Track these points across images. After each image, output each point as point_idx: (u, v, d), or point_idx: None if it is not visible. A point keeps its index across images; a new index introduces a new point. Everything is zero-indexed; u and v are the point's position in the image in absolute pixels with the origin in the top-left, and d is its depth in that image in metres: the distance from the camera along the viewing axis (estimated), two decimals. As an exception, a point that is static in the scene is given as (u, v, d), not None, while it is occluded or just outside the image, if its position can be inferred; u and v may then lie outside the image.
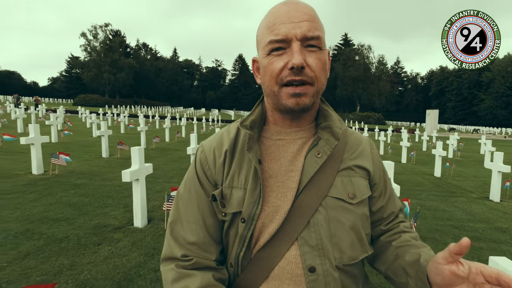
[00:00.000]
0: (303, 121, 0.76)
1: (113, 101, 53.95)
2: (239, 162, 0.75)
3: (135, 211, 3.62)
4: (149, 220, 3.77)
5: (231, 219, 0.73)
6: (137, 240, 3.22)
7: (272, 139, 0.76)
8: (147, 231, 3.47)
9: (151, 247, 3.06)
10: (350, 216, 0.72)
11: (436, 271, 0.60)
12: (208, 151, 0.79)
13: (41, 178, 5.47)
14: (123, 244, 3.09)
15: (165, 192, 4.82)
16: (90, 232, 3.33)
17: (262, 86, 0.74)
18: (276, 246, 0.70)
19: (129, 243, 3.14)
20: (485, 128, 45.75)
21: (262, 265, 0.71)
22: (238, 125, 0.77)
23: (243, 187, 0.72)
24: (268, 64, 0.68)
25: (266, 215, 0.71)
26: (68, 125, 15.42)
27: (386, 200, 0.82)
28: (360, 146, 0.80)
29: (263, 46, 0.70)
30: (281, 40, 0.66)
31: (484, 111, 61.98)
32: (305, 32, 0.65)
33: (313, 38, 0.66)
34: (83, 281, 2.40)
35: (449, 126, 48.08)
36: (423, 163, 10.37)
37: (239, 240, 0.72)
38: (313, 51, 0.67)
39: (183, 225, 0.75)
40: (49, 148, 8.16)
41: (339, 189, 0.72)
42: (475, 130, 40.40)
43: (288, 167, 0.73)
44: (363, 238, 0.74)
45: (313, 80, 0.67)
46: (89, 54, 62.66)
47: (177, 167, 7.32)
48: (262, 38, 0.70)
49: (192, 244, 0.73)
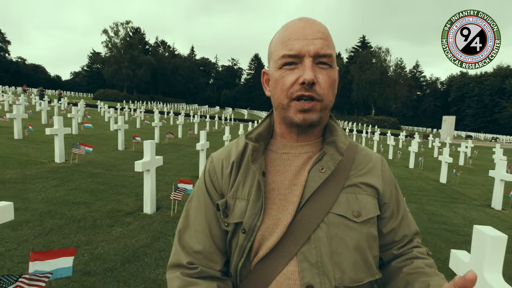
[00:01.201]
0: (309, 135, 0.75)
1: (130, 97, 55.36)
2: (244, 174, 0.75)
3: (145, 199, 3.97)
4: (157, 208, 4.12)
5: (233, 229, 0.73)
6: (145, 224, 3.57)
7: (278, 152, 0.76)
8: (155, 217, 3.81)
9: (158, 231, 3.40)
10: (354, 234, 0.69)
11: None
12: (217, 162, 0.80)
13: (63, 166, 5.95)
14: (133, 227, 3.44)
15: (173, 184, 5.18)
16: (104, 215, 3.71)
17: (272, 99, 0.74)
18: (274, 260, 0.69)
19: (138, 226, 3.49)
20: (505, 137, 44.16)
21: (260, 278, 0.70)
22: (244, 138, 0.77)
23: (246, 198, 0.73)
24: (279, 78, 0.69)
25: (267, 228, 0.70)
26: (88, 118, 16.16)
27: (398, 221, 0.78)
28: (370, 164, 0.77)
29: (275, 59, 0.70)
30: (294, 55, 0.67)
31: (505, 119, 59.72)
32: (318, 49, 0.66)
33: (325, 56, 0.68)
34: (97, 255, 2.75)
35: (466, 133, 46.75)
36: (431, 169, 10.35)
37: (238, 251, 0.72)
38: (324, 69, 0.68)
39: (190, 234, 0.76)
40: (70, 139, 8.70)
41: (343, 206, 0.70)
42: (493, 139, 39.14)
43: (292, 180, 0.73)
44: (370, 261, 0.70)
45: (322, 97, 0.68)
46: (110, 50, 64.72)
47: (187, 162, 7.69)
48: (276, 51, 0.71)
49: (198, 253, 0.74)
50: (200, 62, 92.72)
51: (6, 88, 43.77)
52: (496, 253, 1.37)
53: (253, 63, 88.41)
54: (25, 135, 8.90)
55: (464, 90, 68.70)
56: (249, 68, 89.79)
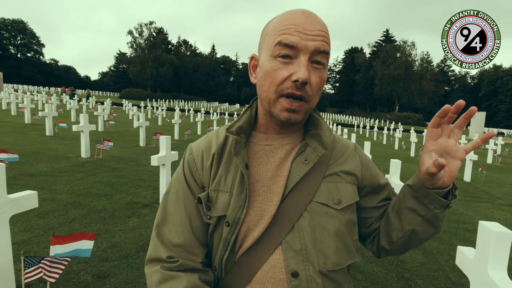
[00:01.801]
0: (292, 128, 0.76)
1: (154, 95, 56.98)
2: (226, 166, 0.74)
3: (161, 192, 4.15)
4: (173, 201, 4.29)
5: (215, 222, 0.72)
6: (160, 216, 3.74)
7: (260, 144, 0.76)
8: (170, 210, 3.98)
9: (172, 223, 3.56)
10: (335, 222, 0.71)
11: (424, 161, 0.66)
12: (196, 153, 0.78)
13: (88, 161, 6.31)
14: (149, 218, 3.63)
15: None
16: (123, 207, 3.92)
17: (259, 89, 0.72)
18: (260, 250, 0.70)
19: (153, 217, 3.66)
20: (544, 134, 41.15)
21: (246, 269, 0.70)
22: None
23: (229, 191, 0.72)
24: (271, 70, 0.67)
25: (251, 219, 0.71)
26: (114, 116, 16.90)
27: (382, 197, 0.83)
28: (347, 152, 0.80)
29: (269, 46, 0.67)
30: (290, 46, 0.64)
31: (544, 116, 55.66)
32: (318, 46, 0.65)
33: (323, 52, 0.66)
34: (115, 243, 2.94)
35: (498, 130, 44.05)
36: (455, 167, 9.91)
37: (223, 244, 0.72)
38: (317, 68, 0.67)
39: (169, 228, 0.74)
40: (95, 135, 9.17)
41: (324, 194, 0.72)
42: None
43: (275, 172, 0.73)
44: (349, 245, 0.74)
45: (310, 99, 0.68)
46: (134, 51, 66.94)
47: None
48: (270, 37, 0.68)
49: (178, 247, 0.73)
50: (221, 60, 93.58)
51: (41, 88, 46.52)
52: (500, 250, 1.35)
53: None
54: (56, 132, 9.49)
55: (497, 84, 64.65)
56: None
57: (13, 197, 1.97)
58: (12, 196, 1.97)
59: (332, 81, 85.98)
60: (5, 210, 1.93)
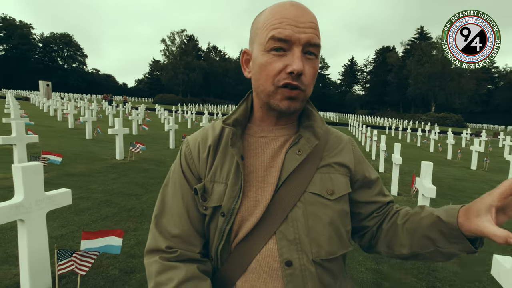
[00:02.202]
0: (287, 119, 0.78)
1: (185, 100, 58.88)
2: (222, 157, 0.76)
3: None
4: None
5: (211, 213, 0.74)
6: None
7: (255, 136, 0.78)
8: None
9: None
10: (328, 211, 0.72)
11: (481, 214, 0.60)
12: (192, 145, 0.80)
13: (121, 163, 6.67)
14: (174, 218, 3.75)
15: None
16: (151, 206, 4.09)
17: (254, 83, 0.73)
18: (254, 240, 0.71)
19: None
20: None
21: (240, 259, 0.72)
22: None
23: (224, 182, 0.73)
24: (266, 63, 0.68)
25: (246, 209, 0.72)
26: (147, 120, 17.75)
27: (375, 193, 0.83)
28: (341, 145, 0.81)
29: (262, 42, 0.68)
30: (284, 40, 0.66)
31: None
32: (309, 38, 0.66)
33: (314, 45, 0.68)
34: (142, 241, 3.08)
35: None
36: (498, 170, 9.16)
37: (218, 234, 0.73)
38: (310, 59, 0.69)
39: (168, 218, 0.76)
40: (129, 139, 9.67)
41: (318, 185, 0.73)
42: None
43: (269, 162, 0.75)
44: (342, 234, 0.75)
45: (306, 88, 0.69)
46: (167, 58, 69.77)
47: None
48: (263, 32, 0.69)
49: (176, 237, 0.74)
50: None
51: (83, 95, 50.11)
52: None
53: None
54: (94, 136, 10.15)
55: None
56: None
57: (50, 194, 2.15)
58: (48, 193, 2.14)
59: (362, 82, 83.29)
60: (43, 206, 2.10)
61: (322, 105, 76.44)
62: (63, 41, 75.51)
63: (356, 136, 18.24)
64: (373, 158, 9.82)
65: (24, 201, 1.98)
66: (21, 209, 1.97)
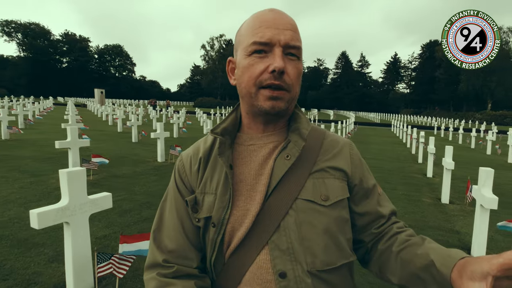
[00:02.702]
0: (275, 125, 0.77)
1: (223, 102, 60.45)
2: (212, 169, 0.76)
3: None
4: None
5: (204, 224, 0.73)
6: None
7: (244, 145, 0.77)
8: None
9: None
10: (322, 218, 0.69)
11: (475, 278, 0.51)
12: (185, 159, 0.81)
13: (162, 165, 6.97)
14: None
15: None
16: (188, 209, 4.19)
17: (238, 87, 0.74)
18: (246, 250, 0.69)
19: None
20: None
21: (234, 270, 0.70)
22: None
23: (214, 193, 0.73)
24: (248, 66, 0.69)
25: (236, 219, 0.71)
26: (188, 123, 18.46)
27: (374, 202, 0.78)
28: (337, 148, 0.78)
29: (244, 47, 0.70)
30: (265, 43, 0.67)
31: None
32: (288, 40, 0.68)
33: (294, 47, 0.69)
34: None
35: None
36: None
37: (210, 245, 0.72)
38: (292, 60, 0.70)
39: (164, 233, 0.76)
40: (170, 141, 10.11)
41: (310, 191, 0.70)
42: None
43: (258, 170, 0.73)
44: (341, 243, 0.71)
45: (290, 87, 0.69)
46: (207, 63, 72.38)
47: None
48: (245, 39, 0.71)
49: (173, 252, 0.74)
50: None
51: (132, 101, 53.86)
52: None
53: (340, 62, 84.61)
54: (139, 139, 10.79)
55: None
56: (336, 67, 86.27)
57: (92, 198, 2.27)
58: (91, 197, 2.26)
59: (406, 79, 77.95)
60: (86, 209, 2.22)
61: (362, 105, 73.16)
62: (115, 52, 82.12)
63: (400, 137, 17.11)
64: (420, 161, 9.11)
65: (69, 205, 2.10)
66: (67, 212, 2.09)
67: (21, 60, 68.96)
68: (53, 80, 69.27)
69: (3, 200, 4.14)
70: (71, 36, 75.79)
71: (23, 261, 2.62)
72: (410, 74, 77.04)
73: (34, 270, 2.49)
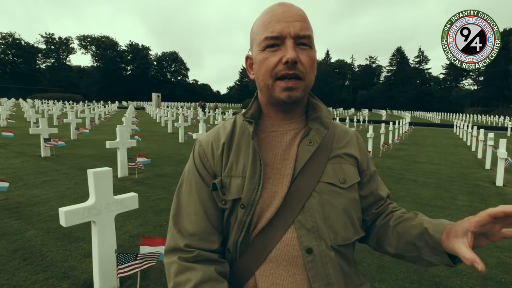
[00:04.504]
0: (294, 113, 0.81)
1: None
2: (236, 153, 0.79)
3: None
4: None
5: (231, 206, 0.76)
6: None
7: (266, 131, 0.81)
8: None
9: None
10: (341, 199, 0.76)
11: (458, 235, 0.65)
12: (205, 144, 0.83)
13: (203, 166, 7.11)
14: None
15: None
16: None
17: (256, 81, 0.79)
18: (273, 230, 0.73)
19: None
20: None
21: (260, 249, 0.74)
22: (237, 118, 0.85)
23: (241, 176, 0.76)
24: (263, 59, 0.73)
25: (264, 201, 0.75)
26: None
27: (375, 186, 0.87)
28: (347, 137, 0.85)
29: (258, 42, 0.75)
30: (276, 37, 0.71)
31: None
32: (297, 31, 0.71)
33: (304, 37, 0.72)
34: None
35: None
36: None
37: (237, 226, 0.75)
38: (304, 49, 0.73)
39: (184, 217, 0.78)
40: (213, 143, 10.35)
41: (331, 175, 0.77)
42: None
43: (283, 155, 0.78)
44: (355, 221, 0.79)
45: (304, 75, 0.73)
46: (254, 64, 73.45)
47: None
48: (258, 35, 0.75)
49: (194, 235, 0.75)
50: (335, 64, 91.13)
51: (184, 103, 57.15)
52: None
53: (394, 58, 78.88)
54: (186, 139, 11.25)
55: None
56: (390, 64, 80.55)
57: (118, 198, 2.31)
58: (117, 197, 2.31)
59: (473, 74, 69.46)
60: (112, 209, 2.27)
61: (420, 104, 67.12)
62: (171, 58, 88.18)
63: (464, 139, 15.21)
64: (487, 167, 7.92)
65: (95, 204, 2.17)
66: (93, 211, 2.16)
67: (94, 70, 77.87)
68: (119, 86, 76.68)
69: (60, 194, 4.56)
70: (135, 46, 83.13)
71: (63, 254, 2.80)
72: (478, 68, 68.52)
73: (70, 264, 2.63)
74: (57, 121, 15.17)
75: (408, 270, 2.73)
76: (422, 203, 4.81)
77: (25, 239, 3.06)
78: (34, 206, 4.00)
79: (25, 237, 3.10)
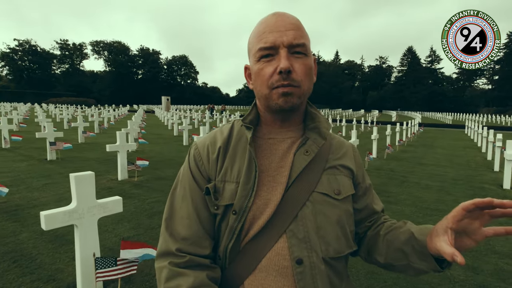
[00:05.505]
0: (292, 122, 0.81)
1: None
2: (232, 158, 0.79)
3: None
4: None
5: (223, 211, 0.75)
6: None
7: (263, 138, 0.81)
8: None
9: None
10: (335, 210, 0.76)
11: (439, 234, 0.65)
12: (201, 148, 0.83)
13: (204, 169, 7.14)
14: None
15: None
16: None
17: (254, 90, 0.80)
18: (264, 238, 0.72)
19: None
20: None
21: (250, 257, 0.73)
22: (235, 123, 0.86)
23: (235, 181, 0.76)
24: (258, 70, 0.74)
25: (257, 208, 0.74)
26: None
27: (370, 199, 0.87)
28: (344, 149, 0.86)
29: (253, 53, 0.76)
30: (269, 47, 0.72)
31: None
32: (291, 40, 0.72)
33: (298, 45, 0.72)
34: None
35: None
36: None
37: (228, 232, 0.74)
38: (299, 57, 0.73)
39: (177, 221, 0.77)
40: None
41: (325, 185, 0.77)
42: None
43: (279, 163, 0.78)
44: (348, 234, 0.78)
45: (299, 83, 0.73)
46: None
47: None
48: (253, 46, 0.77)
49: (186, 239, 0.75)
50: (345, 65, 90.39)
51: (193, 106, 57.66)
52: None
53: (405, 58, 77.76)
54: (189, 142, 11.33)
55: None
56: (401, 65, 79.51)
57: (101, 202, 2.33)
58: (100, 201, 2.33)
59: (488, 73, 67.61)
60: (94, 212, 2.29)
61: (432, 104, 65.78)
62: (181, 62, 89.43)
63: (475, 140, 14.80)
64: (495, 169, 7.67)
65: (77, 208, 2.19)
66: (75, 215, 2.18)
67: (107, 74, 79.69)
68: (130, 90, 78.19)
69: (59, 197, 4.65)
70: (146, 51, 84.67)
71: (52, 256, 2.84)
72: (492, 67, 66.66)
73: (57, 267, 2.67)
74: (67, 125, 15.55)
75: (398, 276, 2.66)
76: (423, 207, 4.69)
77: (17, 242, 3.12)
78: (32, 208, 4.09)
79: (18, 240, 3.16)
